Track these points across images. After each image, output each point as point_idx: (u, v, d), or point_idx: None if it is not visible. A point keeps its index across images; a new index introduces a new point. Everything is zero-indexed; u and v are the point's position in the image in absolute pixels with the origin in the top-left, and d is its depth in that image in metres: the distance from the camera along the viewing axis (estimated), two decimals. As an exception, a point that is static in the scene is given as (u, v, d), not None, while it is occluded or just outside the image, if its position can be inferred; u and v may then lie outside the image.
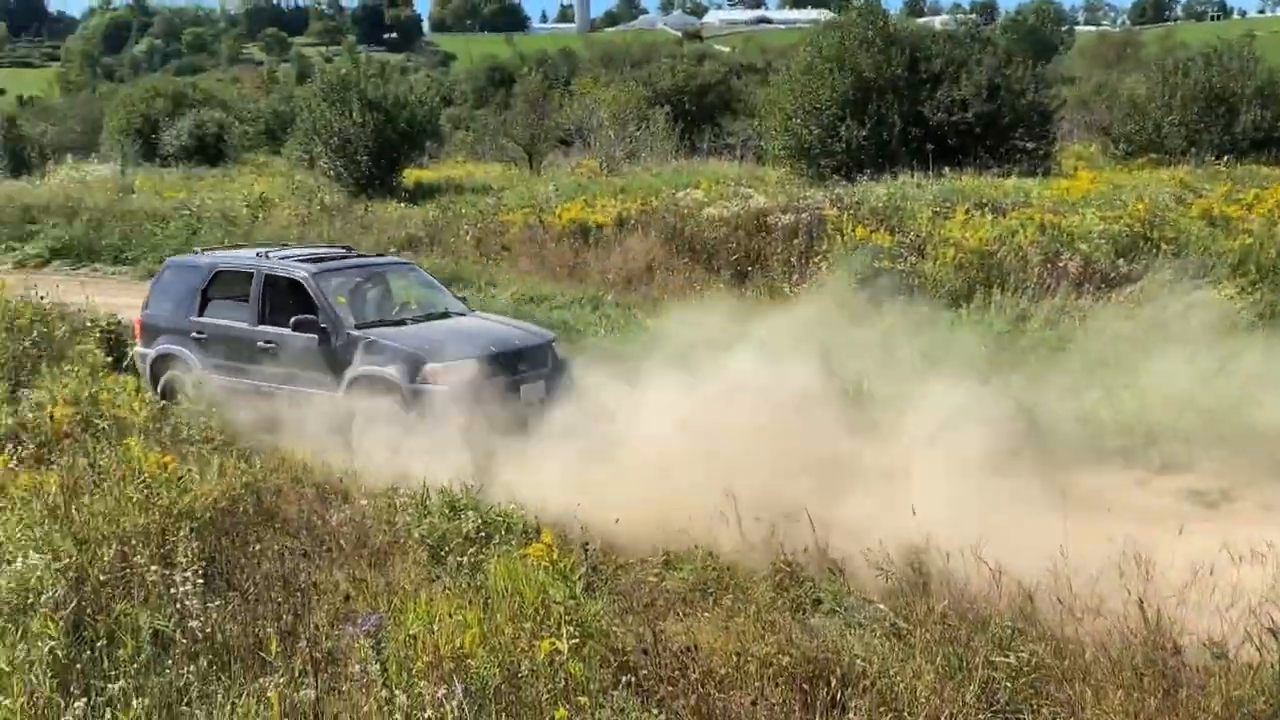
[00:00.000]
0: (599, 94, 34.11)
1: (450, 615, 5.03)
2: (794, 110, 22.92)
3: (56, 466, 6.75)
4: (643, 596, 5.56)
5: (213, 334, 9.91)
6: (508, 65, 68.38)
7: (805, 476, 8.80)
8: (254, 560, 5.91)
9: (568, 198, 20.65)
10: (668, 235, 16.83)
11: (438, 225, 21.02)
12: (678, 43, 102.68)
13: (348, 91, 26.83)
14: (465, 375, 8.79)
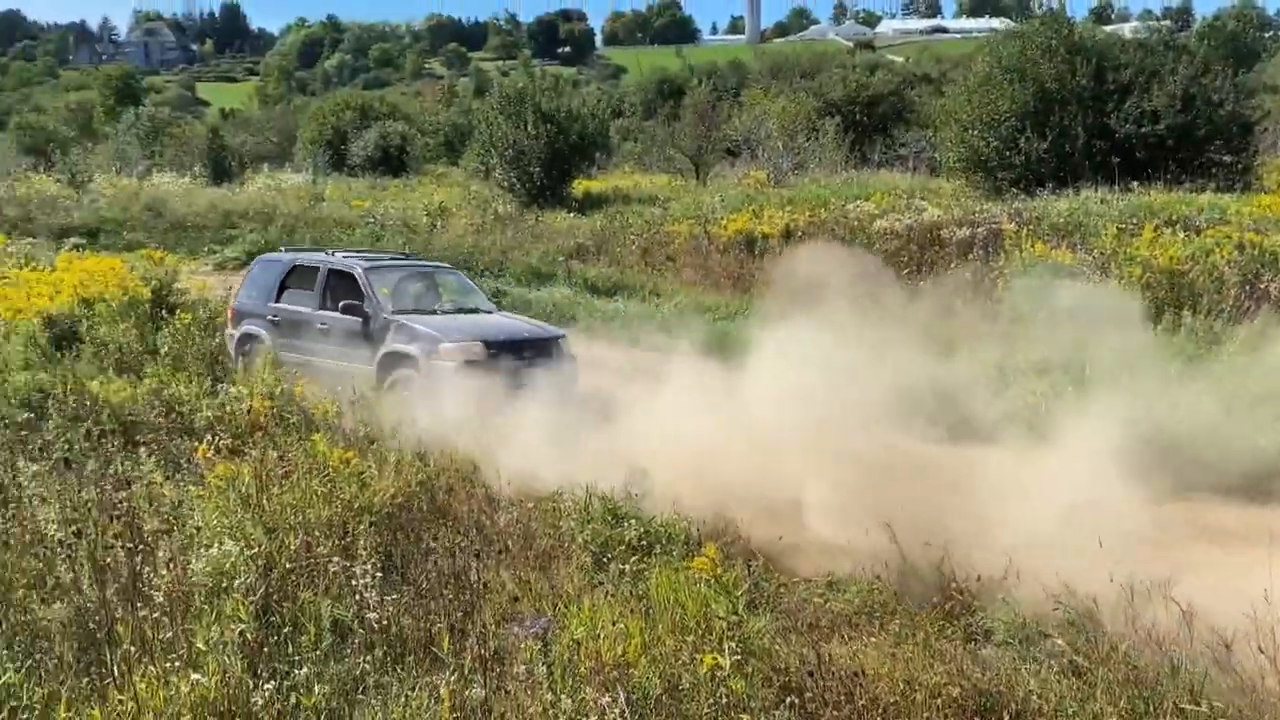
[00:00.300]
0: (768, 105, 33.97)
1: (613, 623, 5.06)
2: (971, 121, 22.22)
3: (250, 458, 7.16)
4: (807, 616, 5.47)
5: (284, 317, 11.76)
6: (677, 77, 68.92)
7: (974, 500, 8.52)
8: (426, 556, 6.12)
9: (734, 209, 20.64)
10: (835, 247, 16.56)
11: (605, 235, 21.37)
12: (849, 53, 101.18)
13: (523, 105, 27.61)
14: (471, 355, 10.43)
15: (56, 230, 24.97)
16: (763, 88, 42.62)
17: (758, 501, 8.55)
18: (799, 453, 9.82)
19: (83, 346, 10.49)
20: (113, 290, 12.28)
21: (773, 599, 5.78)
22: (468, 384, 9.81)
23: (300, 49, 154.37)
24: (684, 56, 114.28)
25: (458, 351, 10.50)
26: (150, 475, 6.68)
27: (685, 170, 31.87)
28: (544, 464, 7.91)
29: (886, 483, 8.99)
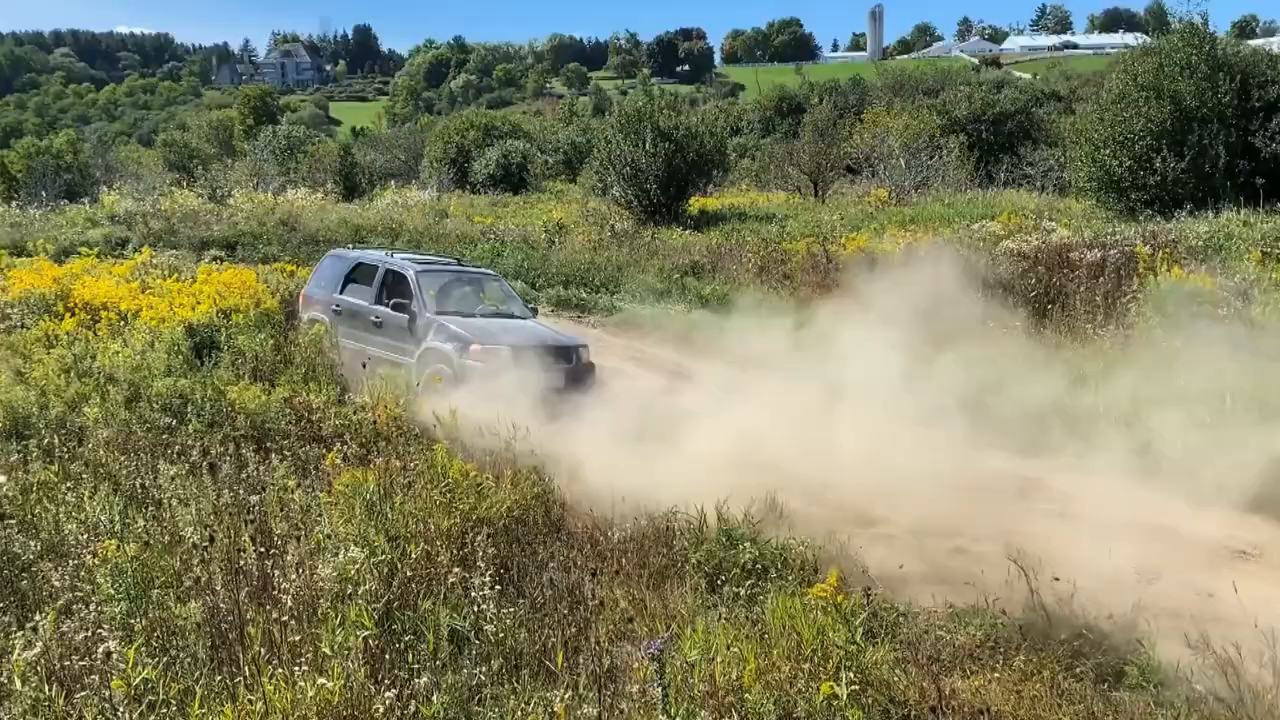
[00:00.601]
0: (890, 122, 33.48)
1: (727, 647, 5.01)
2: (1103, 140, 21.45)
3: (374, 466, 7.34)
4: (927, 648, 5.31)
5: (345, 308, 12.89)
6: (796, 94, 68.54)
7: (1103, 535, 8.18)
8: (541, 570, 6.17)
9: (853, 227, 20.37)
10: (960, 268, 16.17)
11: (720, 252, 21.32)
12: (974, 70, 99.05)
13: (641, 123, 27.83)
14: (498, 356, 11.34)
15: (197, 243, 26.21)
16: (885, 104, 42.04)
17: (876, 527, 8.40)
18: (918, 478, 9.61)
19: (220, 355, 10.94)
20: (248, 301, 12.81)
21: (891, 629, 5.63)
22: (492, 382, 10.67)
23: (427, 69, 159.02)
24: (803, 74, 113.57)
25: (485, 352, 11.46)
26: (281, 481, 6.91)
27: (803, 188, 31.63)
28: (660, 481, 7.90)
29: (1010, 512, 8.72)
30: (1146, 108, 20.96)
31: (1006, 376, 11.65)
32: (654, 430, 10.07)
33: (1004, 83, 59.99)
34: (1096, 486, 9.31)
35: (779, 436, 10.62)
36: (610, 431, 10.02)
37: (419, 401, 10.10)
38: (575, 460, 8.98)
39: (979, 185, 28.69)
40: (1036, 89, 54.23)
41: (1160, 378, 10.89)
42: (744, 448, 9.65)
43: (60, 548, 5.84)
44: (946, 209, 22.26)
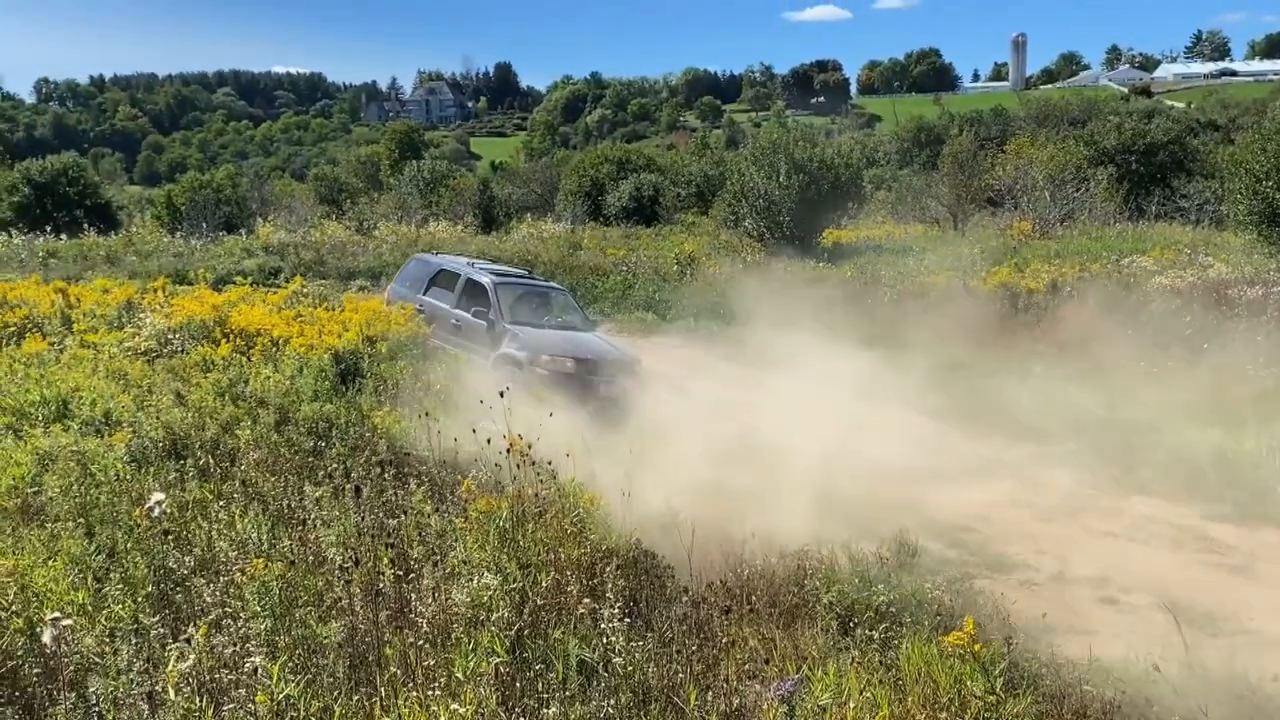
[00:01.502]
0: (1034, 153, 32.51)
1: (860, 692, 4.88)
2: (1265, 171, 20.31)
3: (507, 493, 7.45)
4: (1072, 703, 5.05)
5: (428, 309, 13.94)
6: (935, 125, 67.31)
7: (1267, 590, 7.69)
8: (670, 604, 6.13)
9: (995, 261, 19.80)
10: (1108, 304, 15.55)
11: (853, 285, 21.03)
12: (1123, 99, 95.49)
13: (776, 155, 27.76)
14: (562, 366, 12.33)
15: (344, 273, 27.30)
16: (1029, 135, 40.86)
17: (1016, 573, 8.09)
18: (1065, 521, 9.23)
19: (364, 381, 11.33)
20: (393, 329, 13.25)
21: (1033, 680, 5.37)
22: (555, 388, 11.59)
23: (564, 104, 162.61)
24: (943, 104, 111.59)
25: (551, 361, 12.42)
26: (419, 505, 7.08)
27: (942, 220, 30.96)
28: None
29: (1163, 561, 8.28)
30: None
31: (1160, 419, 11.12)
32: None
33: (1155, 112, 57.67)
34: (1258, 537, 8.77)
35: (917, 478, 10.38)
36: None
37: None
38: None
39: (1128, 218, 27.55)
40: (1191, 118, 51.91)
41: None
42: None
43: (212, 564, 6.11)
44: (1094, 243, 21.43)
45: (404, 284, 15.08)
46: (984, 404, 12.31)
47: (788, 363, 16.52)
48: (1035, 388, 13.04)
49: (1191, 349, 13.55)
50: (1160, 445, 10.37)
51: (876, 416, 13.19)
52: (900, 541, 8.34)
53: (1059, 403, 12.07)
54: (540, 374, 12.19)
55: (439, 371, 11.99)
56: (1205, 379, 12.59)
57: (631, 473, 9.45)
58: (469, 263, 15.01)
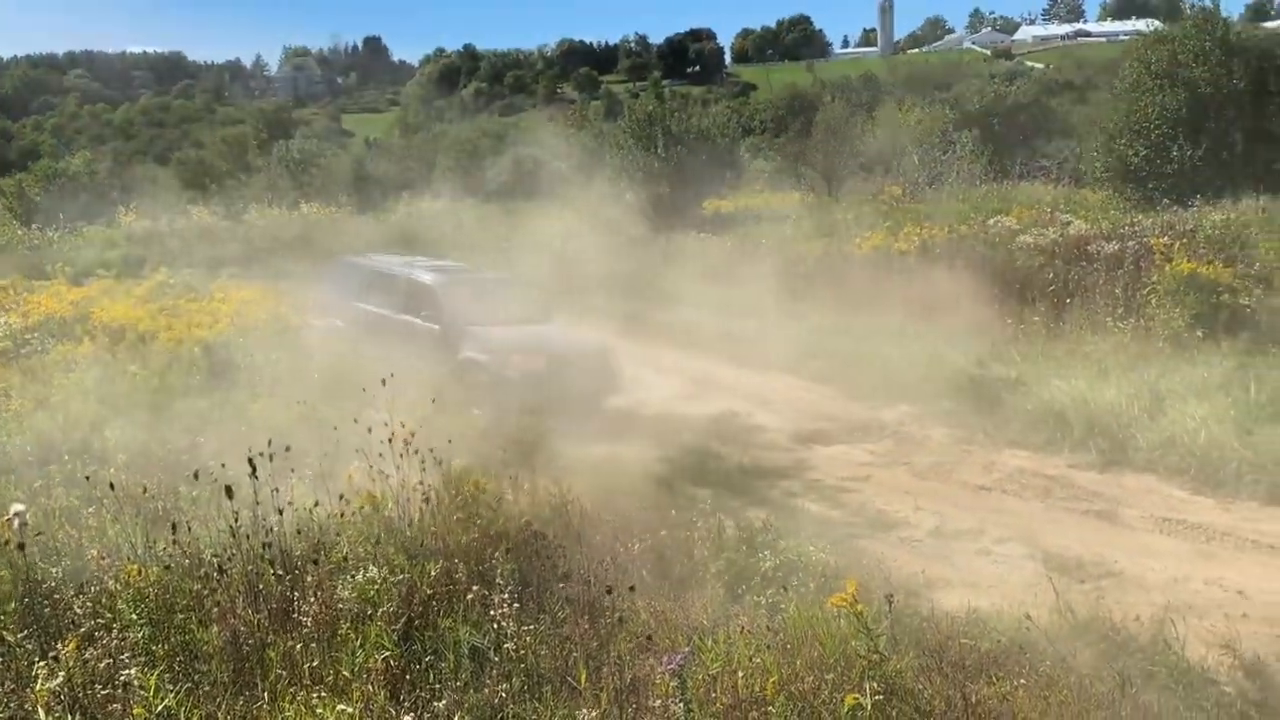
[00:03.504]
0: (902, 118, 33.33)
1: (749, 658, 4.98)
2: (1118, 130, 21.31)
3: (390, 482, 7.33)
4: (952, 655, 5.25)
5: (368, 317, 12.90)
6: (807, 92, 68.29)
7: (1128, 535, 8.11)
8: (562, 583, 6.14)
9: (868, 226, 20.25)
10: (977, 264, 16.10)
11: (736, 255, 21.27)
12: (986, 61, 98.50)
13: (652, 127, 27.79)
14: (535, 364, 11.59)
15: (213, 261, 26.33)
16: (897, 100, 41.84)
17: (899, 529, 8.35)
18: (942, 478, 9.55)
19: (238, 373, 10.99)
20: (265, 318, 12.87)
21: (916, 636, 5.57)
22: (528, 389, 11.10)
23: (438, 78, 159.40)
24: (814, 71, 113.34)
25: (524, 361, 11.71)
26: (301, 500, 6.91)
27: (817, 187, 31.52)
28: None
29: (1034, 511, 8.65)
30: (1161, 96, 20.80)
31: (1028, 373, 11.59)
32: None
33: (1016, 74, 59.76)
34: (1120, 482, 9.25)
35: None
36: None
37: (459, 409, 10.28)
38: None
39: (993, 179, 28.52)
40: (1050, 79, 53.97)
41: (1181, 370, 10.81)
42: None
43: (82, 574, 5.86)
44: (961, 204, 22.12)
45: (334, 291, 13.84)
46: (862, 366, 12.63)
47: (677, 336, 16.67)
48: (910, 348, 13.44)
49: (1055, 304, 14.14)
50: (1029, 399, 10.81)
51: (759, 383, 13.44)
52: (784, 506, 8.54)
53: (933, 362, 12.47)
54: (511, 377, 11.50)
55: (320, 359, 11.70)
56: (1068, 332, 13.18)
57: (529, 450, 9.46)
58: (405, 262, 13.98)
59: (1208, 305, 12.33)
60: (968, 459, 10.08)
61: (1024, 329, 13.52)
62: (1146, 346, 12.09)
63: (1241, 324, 12.02)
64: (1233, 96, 20.35)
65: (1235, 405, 9.51)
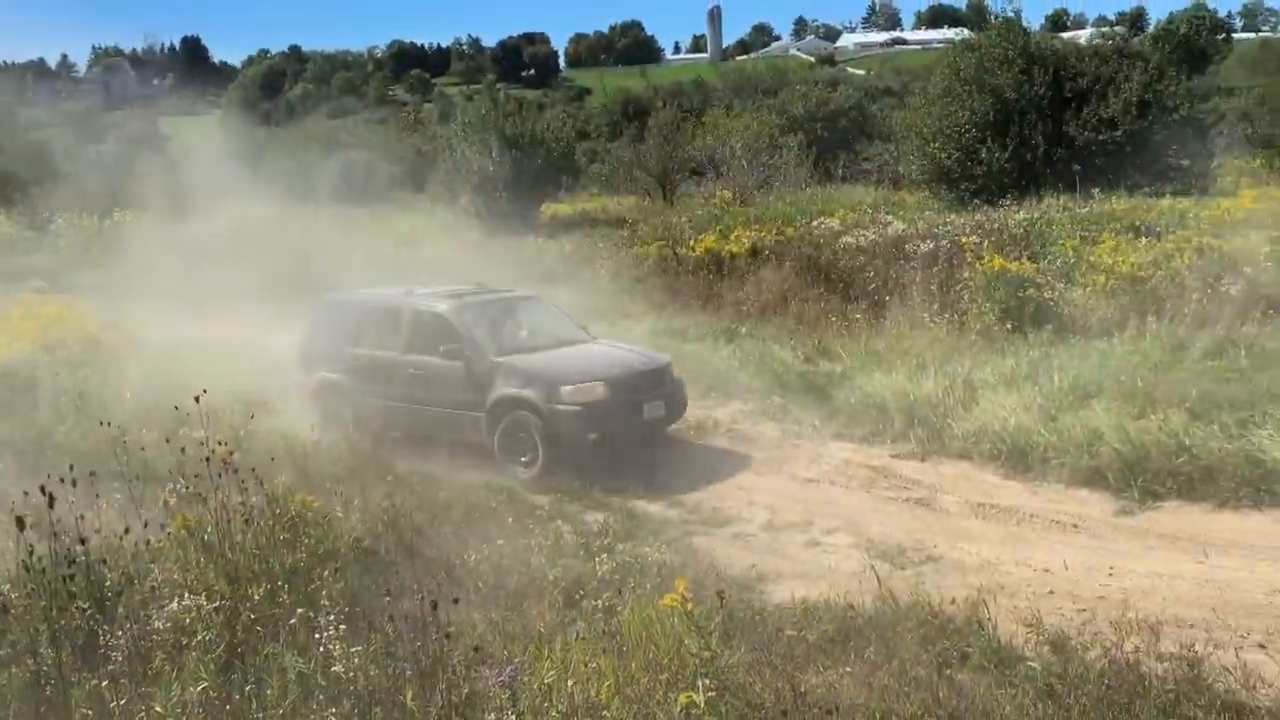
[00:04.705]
0: (731, 123, 34.11)
1: (585, 664, 4.98)
2: (932, 134, 22.39)
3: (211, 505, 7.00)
4: (781, 648, 5.40)
5: (368, 363, 11.05)
6: (641, 97, 69.06)
7: (947, 522, 8.51)
8: (394, 601, 6.00)
9: (702, 229, 20.62)
10: (803, 265, 16.63)
11: (574, 259, 21.32)
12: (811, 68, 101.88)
13: (486, 130, 27.58)
14: (595, 395, 9.83)
15: (14, 274, 24.60)
16: (725, 106, 42.80)
17: (733, 525, 8.53)
18: (773, 472, 9.79)
19: (43, 393, 10.30)
20: (74, 335, 12.11)
21: (747, 630, 5.70)
22: (594, 428, 9.73)
23: (263, 80, 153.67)
24: (648, 76, 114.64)
25: (578, 393, 9.86)
26: (110, 525, 6.52)
27: (652, 191, 31.91)
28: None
29: (859, 501, 8.98)
30: (970, 101, 21.96)
31: (852, 368, 12.03)
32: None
33: (839, 80, 62.05)
34: (938, 470, 9.70)
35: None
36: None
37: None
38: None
39: (818, 182, 29.54)
40: (870, 85, 56.28)
41: (993, 361, 11.44)
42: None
43: None
44: (788, 207, 22.77)
45: (322, 338, 11.69)
46: (697, 366, 12.83)
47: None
48: (742, 347, 13.78)
49: (876, 302, 14.75)
50: (854, 393, 11.21)
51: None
52: (621, 508, 8.61)
53: (764, 360, 12.80)
54: (565, 411, 9.79)
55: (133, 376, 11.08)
56: (889, 328, 13.75)
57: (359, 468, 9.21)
58: (402, 292, 11.59)
59: (1015, 299, 13.06)
60: (797, 453, 10.40)
61: (848, 325, 14.04)
62: (961, 340, 12.73)
63: (1045, 316, 12.78)
64: (1034, 102, 21.67)
65: (1041, 393, 10.10)
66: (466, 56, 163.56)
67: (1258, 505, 7.95)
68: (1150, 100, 21.55)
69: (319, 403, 11.21)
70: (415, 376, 10.67)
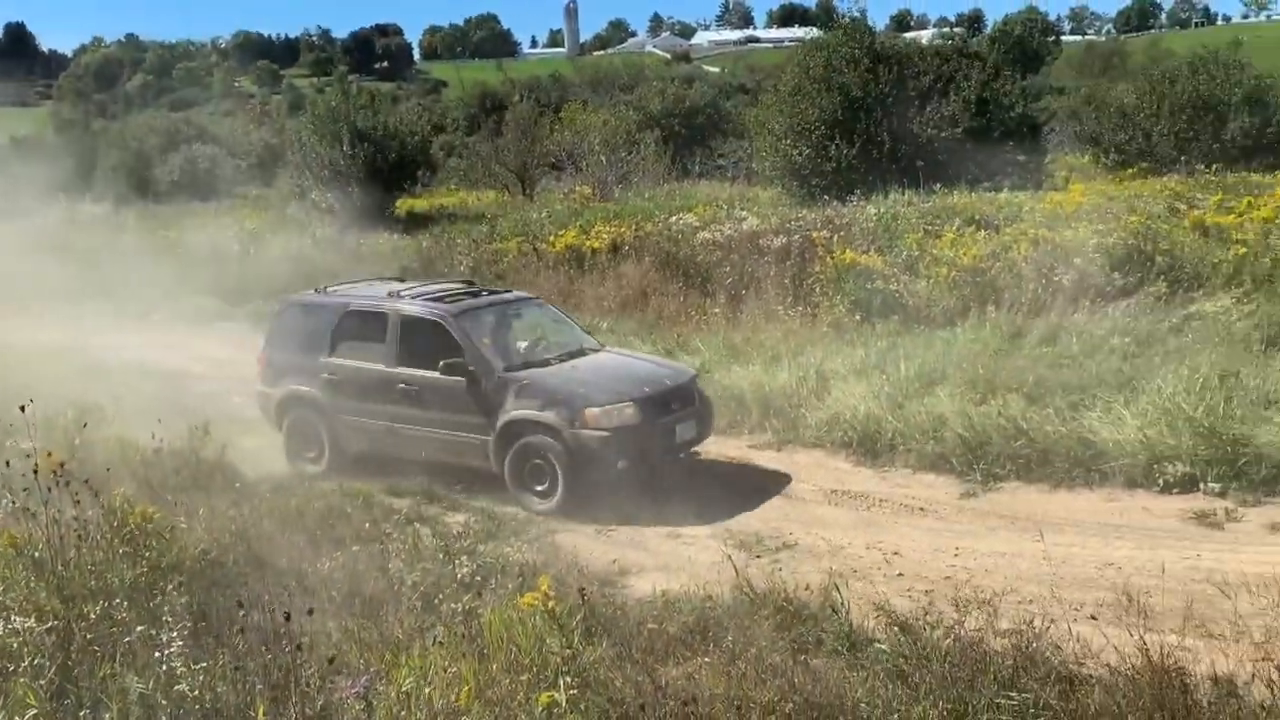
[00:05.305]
0: (589, 119, 34.13)
1: (445, 669, 4.90)
2: (784, 131, 22.85)
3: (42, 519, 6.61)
4: (642, 642, 5.43)
5: (347, 375, 9.81)
6: (498, 91, 68.48)
7: (807, 509, 8.73)
8: (243, 614, 5.78)
9: (561, 224, 20.58)
10: (662, 260, 16.78)
11: (431, 255, 20.98)
12: (667, 64, 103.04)
13: (337, 123, 26.82)
14: (625, 418, 8.76)
15: None
16: (583, 101, 42.79)
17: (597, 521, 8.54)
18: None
19: None
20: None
21: (609, 626, 5.72)
22: (625, 455, 8.69)
23: (97, 69, 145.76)
24: (504, 70, 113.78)
25: (607, 415, 8.75)
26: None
27: (511, 186, 31.66)
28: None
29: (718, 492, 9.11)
30: (819, 99, 22.49)
31: (710, 361, 12.20)
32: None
33: (694, 77, 62.90)
34: (794, 459, 9.95)
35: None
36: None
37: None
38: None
39: (676, 178, 29.82)
40: (724, 82, 57.24)
41: (843, 352, 11.79)
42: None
43: None
44: (647, 203, 22.91)
45: (289, 345, 10.36)
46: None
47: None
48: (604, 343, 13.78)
49: (732, 296, 15.00)
50: (712, 386, 11.35)
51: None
52: (483, 509, 8.53)
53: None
54: (592, 437, 8.64)
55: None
56: (745, 322, 14.02)
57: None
58: (389, 293, 10.26)
59: (864, 292, 13.49)
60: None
61: (706, 320, 14.25)
62: (813, 331, 13.07)
63: (892, 308, 13.23)
64: (880, 100, 22.37)
65: (889, 381, 10.47)
66: (316, 48, 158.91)
67: (1089, 484, 8.44)
68: (988, 98, 22.52)
69: (286, 418, 10.24)
70: (407, 393, 9.43)
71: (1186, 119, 23.71)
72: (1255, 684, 4.26)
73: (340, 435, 9.86)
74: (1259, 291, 11.87)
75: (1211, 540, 7.19)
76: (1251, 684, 4.31)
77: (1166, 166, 22.83)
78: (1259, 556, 6.72)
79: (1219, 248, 13.08)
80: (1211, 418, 8.31)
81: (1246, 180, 19.44)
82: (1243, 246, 12.74)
